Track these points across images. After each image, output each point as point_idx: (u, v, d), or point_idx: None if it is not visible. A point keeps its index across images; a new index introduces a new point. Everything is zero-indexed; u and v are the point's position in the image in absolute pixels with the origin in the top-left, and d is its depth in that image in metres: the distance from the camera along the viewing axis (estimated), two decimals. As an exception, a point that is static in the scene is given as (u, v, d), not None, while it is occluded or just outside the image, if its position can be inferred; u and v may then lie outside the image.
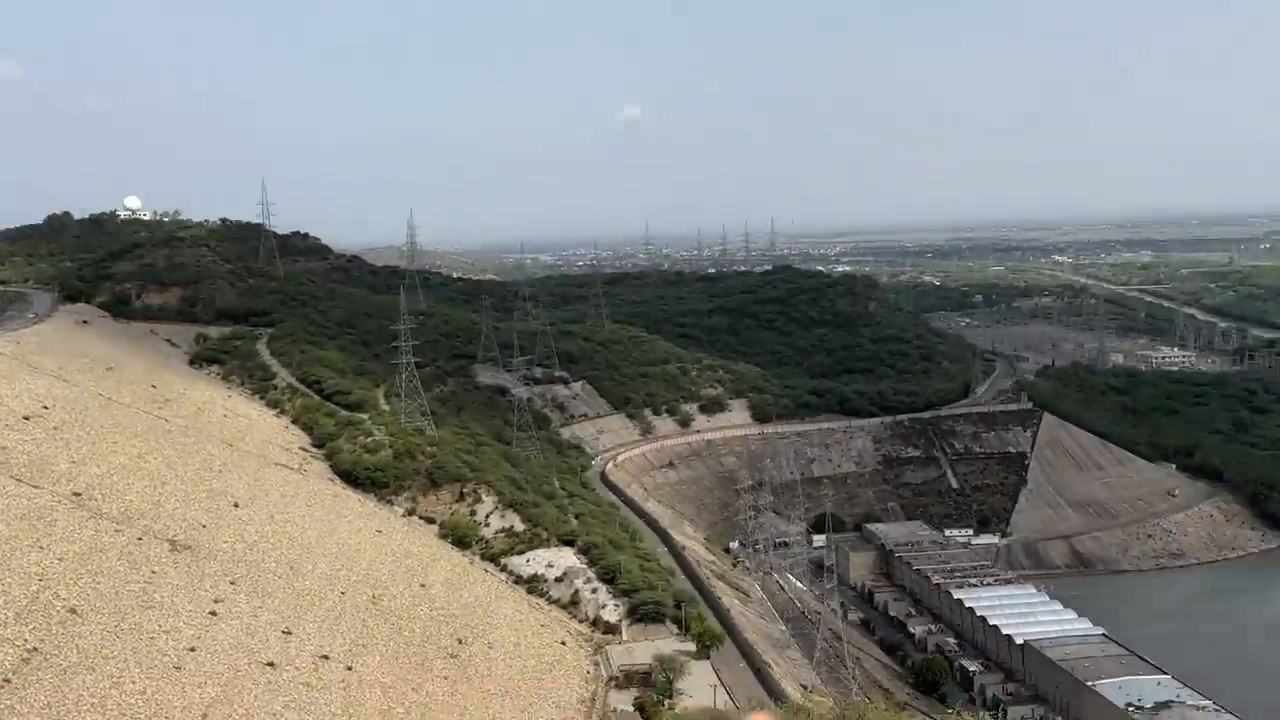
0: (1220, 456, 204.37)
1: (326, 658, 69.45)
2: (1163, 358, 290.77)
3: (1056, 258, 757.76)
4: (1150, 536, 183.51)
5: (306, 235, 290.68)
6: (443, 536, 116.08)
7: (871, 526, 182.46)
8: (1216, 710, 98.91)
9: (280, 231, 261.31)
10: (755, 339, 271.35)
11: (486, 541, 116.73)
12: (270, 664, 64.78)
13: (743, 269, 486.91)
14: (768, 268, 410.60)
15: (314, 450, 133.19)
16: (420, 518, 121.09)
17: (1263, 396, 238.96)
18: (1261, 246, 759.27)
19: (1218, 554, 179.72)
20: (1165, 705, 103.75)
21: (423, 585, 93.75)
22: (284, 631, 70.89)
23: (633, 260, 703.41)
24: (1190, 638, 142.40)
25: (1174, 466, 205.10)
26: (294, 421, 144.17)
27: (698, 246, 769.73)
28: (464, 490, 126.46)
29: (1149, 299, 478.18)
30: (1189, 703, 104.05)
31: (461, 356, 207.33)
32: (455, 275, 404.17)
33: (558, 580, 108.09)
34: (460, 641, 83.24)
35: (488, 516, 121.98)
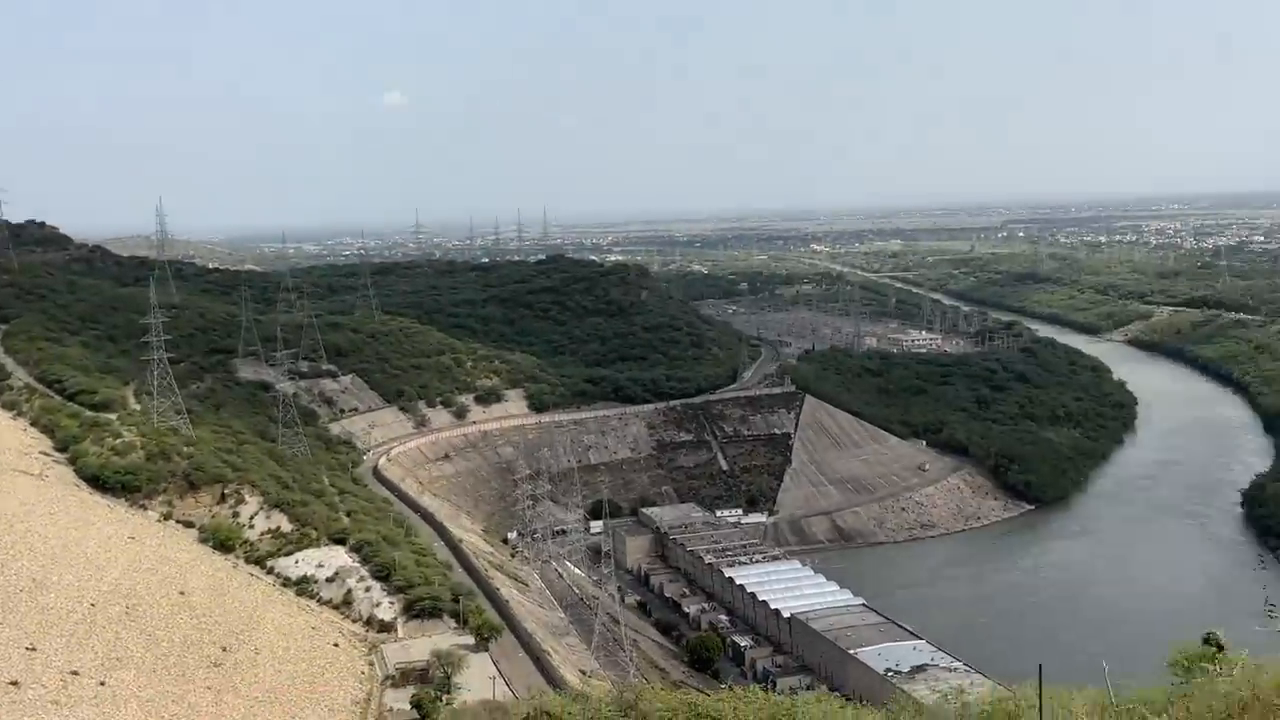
0: (965, 432, 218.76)
1: (76, 673, 64.90)
2: (912, 340, 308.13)
3: (815, 247, 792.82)
4: (904, 509, 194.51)
5: (43, 224, 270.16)
6: (203, 540, 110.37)
7: (647, 510, 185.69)
8: (966, 670, 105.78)
9: (12, 220, 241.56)
10: (530, 328, 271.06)
11: (251, 544, 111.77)
12: (14, 683, 60.27)
13: (517, 258, 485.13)
14: (542, 257, 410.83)
15: (57, 455, 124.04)
16: (178, 522, 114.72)
17: (1002, 375, 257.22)
18: (999, 235, 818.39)
19: (965, 524, 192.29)
20: (920, 669, 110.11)
21: (182, 593, 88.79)
22: (28, 648, 65.89)
23: (403, 249, 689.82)
24: (942, 603, 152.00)
25: (924, 443, 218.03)
26: (33, 424, 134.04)
27: (470, 235, 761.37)
28: (225, 491, 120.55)
29: (899, 285, 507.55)
30: (941, 665, 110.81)
31: (220, 351, 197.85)
32: (211, 266, 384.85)
33: (329, 580, 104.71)
34: (224, 649, 79.34)
35: (252, 518, 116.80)
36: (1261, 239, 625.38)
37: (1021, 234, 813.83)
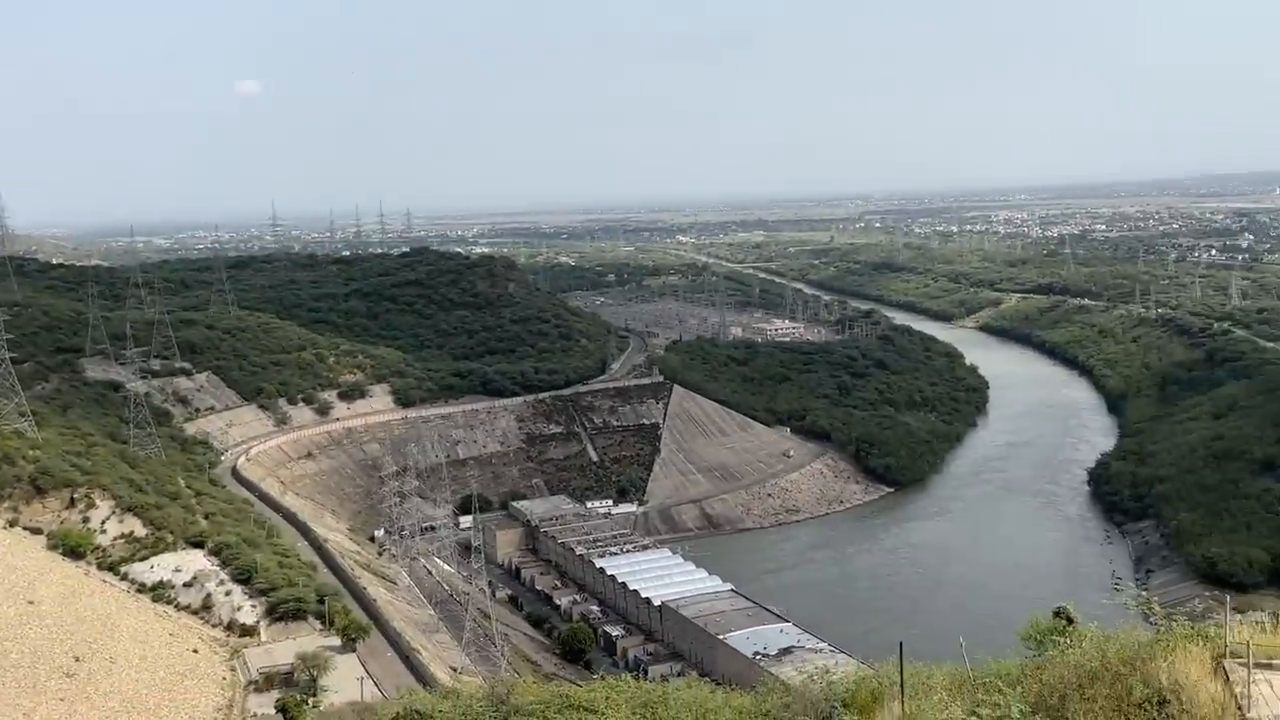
0: (827, 419, 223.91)
1: (-90, 695, 61.24)
2: (776, 329, 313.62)
3: (680, 238, 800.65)
4: (770, 495, 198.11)
5: None
6: (52, 547, 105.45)
7: (517, 504, 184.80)
8: (831, 651, 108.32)
9: None
10: (395, 322, 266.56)
11: (104, 550, 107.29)
12: None
13: (380, 251, 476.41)
14: (406, 249, 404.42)
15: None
16: (24, 529, 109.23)
17: (861, 362, 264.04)
18: (857, 226, 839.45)
19: (828, 507, 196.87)
20: (788, 651, 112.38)
21: (30, 602, 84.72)
22: None
23: (259, 243, 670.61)
24: (808, 585, 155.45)
25: (789, 429, 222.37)
26: None
27: (330, 228, 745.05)
28: (75, 496, 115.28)
29: (762, 275, 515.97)
30: (808, 646, 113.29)
31: (66, 350, 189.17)
32: (56, 261, 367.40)
33: (186, 585, 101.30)
34: (77, 659, 76.03)
35: (104, 523, 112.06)
36: (1103, 228, 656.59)
37: (878, 224, 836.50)
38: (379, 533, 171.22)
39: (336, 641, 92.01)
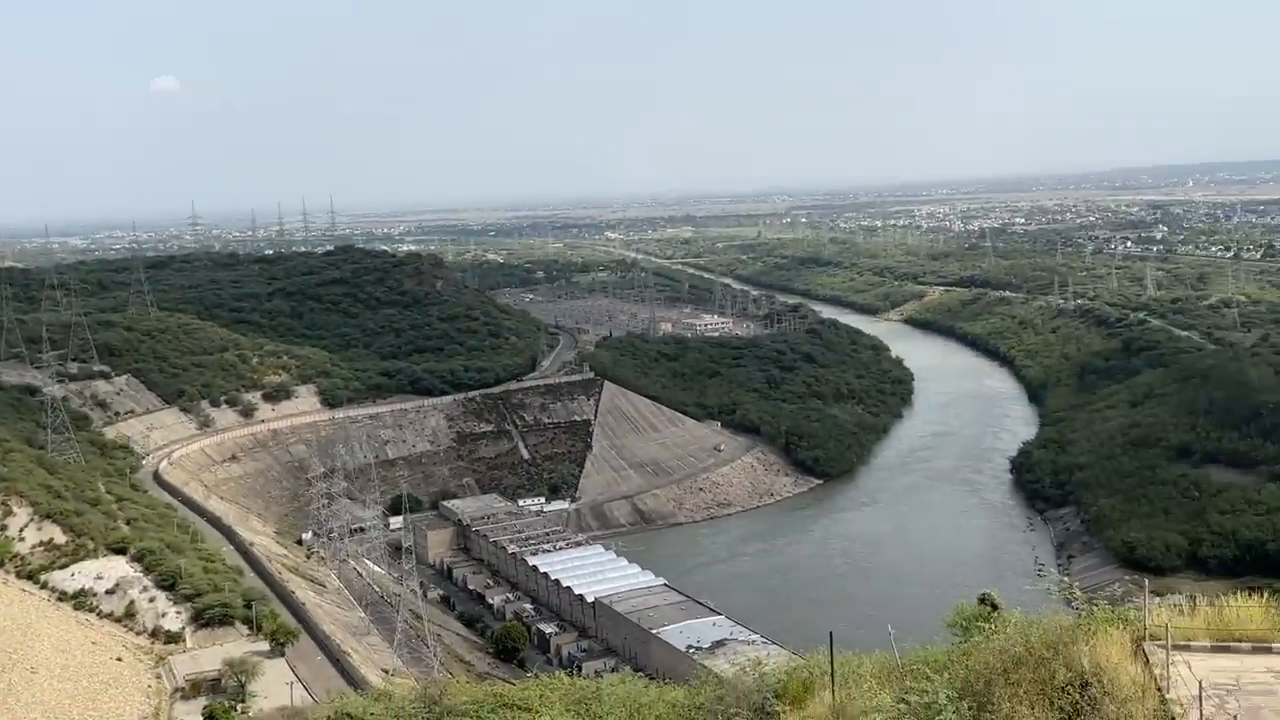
0: (757, 412, 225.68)
1: None
2: (705, 325, 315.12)
3: (609, 234, 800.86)
4: (701, 489, 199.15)
5: None
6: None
7: (448, 503, 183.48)
8: (764, 642, 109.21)
9: None
10: (320, 322, 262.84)
11: (22, 558, 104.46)
12: None
13: (303, 249, 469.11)
14: (330, 248, 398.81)
15: None
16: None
17: (790, 356, 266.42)
18: (784, 221, 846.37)
19: (759, 500, 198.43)
20: (720, 644, 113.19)
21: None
22: None
23: (179, 242, 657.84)
24: (740, 578, 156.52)
25: (719, 424, 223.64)
26: None
27: (252, 227, 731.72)
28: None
29: (691, 271, 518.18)
30: (740, 639, 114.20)
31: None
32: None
33: (109, 593, 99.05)
34: (-7, 673, 73.92)
35: (22, 530, 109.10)
36: (1022, 221, 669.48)
37: (804, 220, 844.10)
38: (307, 535, 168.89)
39: (265, 646, 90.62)
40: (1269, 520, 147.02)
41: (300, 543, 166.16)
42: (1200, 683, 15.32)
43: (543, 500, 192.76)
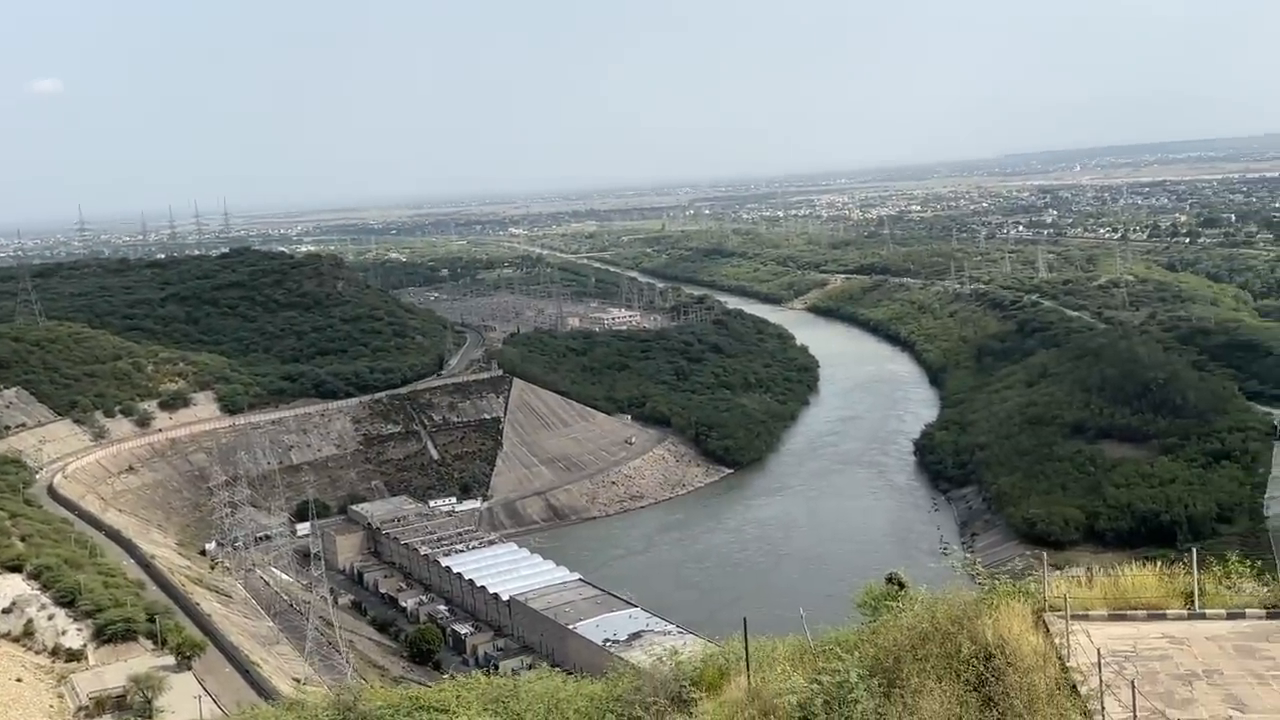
0: (667, 404, 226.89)
1: None
2: (613, 318, 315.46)
3: (513, 230, 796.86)
4: (614, 483, 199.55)
5: None
6: None
7: (357, 507, 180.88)
8: (680, 632, 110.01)
9: None
10: (218, 327, 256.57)
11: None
12: None
13: (197, 253, 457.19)
14: (225, 251, 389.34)
15: None
16: None
17: (697, 347, 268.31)
18: (687, 213, 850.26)
19: (672, 492, 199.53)
20: (637, 635, 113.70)
21: None
22: None
23: (66, 249, 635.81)
24: (656, 569, 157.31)
25: (629, 417, 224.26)
26: None
27: (142, 230, 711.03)
28: None
29: (597, 265, 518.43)
30: (657, 630, 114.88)
31: None
32: None
33: (5, 611, 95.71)
34: (-121, 704, 70.83)
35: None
36: (919, 208, 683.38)
37: (708, 211, 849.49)
38: (210, 545, 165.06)
39: (171, 660, 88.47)
40: (1161, 492, 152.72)
41: (204, 553, 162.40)
42: (1099, 650, 15.87)
43: (454, 500, 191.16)
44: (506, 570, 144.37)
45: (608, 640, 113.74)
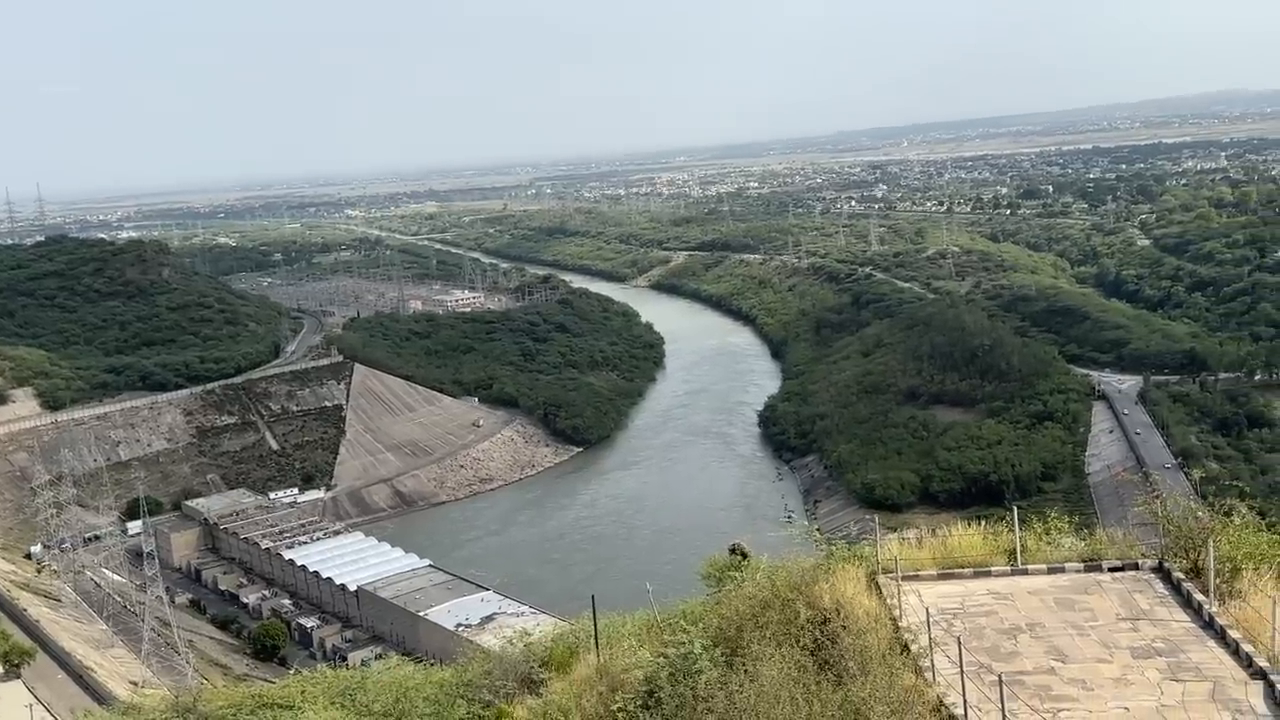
0: (514, 385, 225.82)
1: None
2: (456, 300, 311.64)
3: (350, 212, 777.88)
4: (463, 467, 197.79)
5: None
6: None
7: (192, 502, 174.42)
8: (532, 613, 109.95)
9: None
10: (35, 319, 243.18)
11: None
12: None
13: (9, 242, 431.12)
14: (40, 239, 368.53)
15: None
16: None
17: (543, 327, 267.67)
18: (529, 193, 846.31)
19: (521, 473, 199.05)
20: (490, 619, 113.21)
21: None
22: None
23: None
24: (510, 550, 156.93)
25: (476, 400, 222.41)
26: None
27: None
28: None
29: (438, 246, 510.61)
30: (509, 612, 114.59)
31: None
32: None
33: None
34: None
35: None
36: (756, 185, 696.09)
37: (549, 191, 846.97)
38: (36, 548, 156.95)
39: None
40: (989, 454, 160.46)
41: (29, 557, 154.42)
42: (928, 609, 16.58)
43: (296, 491, 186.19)
44: (353, 560, 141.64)
45: (459, 625, 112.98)
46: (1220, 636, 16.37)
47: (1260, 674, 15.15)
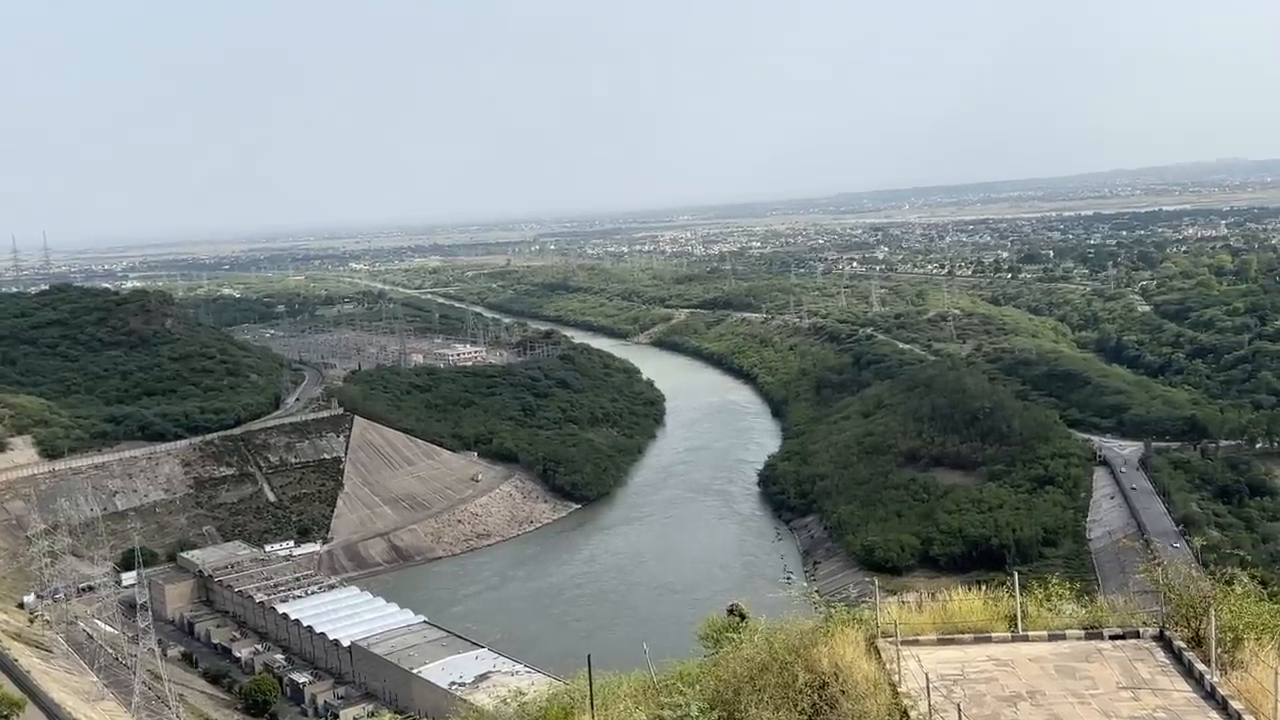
0: (514, 440, 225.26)
1: None
2: (458, 354, 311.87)
3: (354, 265, 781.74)
4: (460, 522, 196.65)
5: None
6: None
7: (187, 554, 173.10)
8: (527, 671, 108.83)
9: None
10: (36, 367, 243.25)
11: None
12: None
13: (14, 290, 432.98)
14: (44, 288, 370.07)
15: None
16: None
17: (544, 383, 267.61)
18: (533, 249, 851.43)
19: (519, 529, 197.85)
20: (484, 677, 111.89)
21: None
22: None
23: None
24: (505, 607, 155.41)
25: (476, 454, 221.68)
26: None
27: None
28: None
29: (441, 300, 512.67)
30: (504, 670, 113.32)
31: None
32: None
33: None
34: None
35: None
36: (759, 245, 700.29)
37: (553, 247, 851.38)
38: (29, 598, 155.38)
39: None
40: (990, 518, 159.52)
41: (22, 606, 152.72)
42: (928, 675, 16.40)
43: (292, 544, 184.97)
44: (347, 615, 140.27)
45: (454, 683, 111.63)
46: (1222, 707, 16.17)
47: (1264, 746, 14.94)
